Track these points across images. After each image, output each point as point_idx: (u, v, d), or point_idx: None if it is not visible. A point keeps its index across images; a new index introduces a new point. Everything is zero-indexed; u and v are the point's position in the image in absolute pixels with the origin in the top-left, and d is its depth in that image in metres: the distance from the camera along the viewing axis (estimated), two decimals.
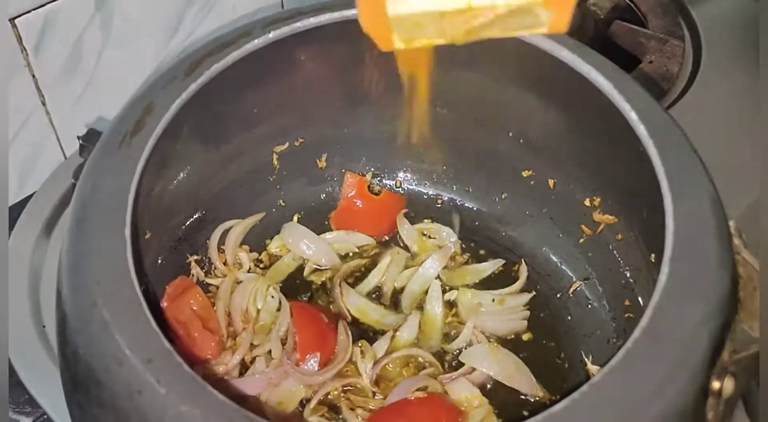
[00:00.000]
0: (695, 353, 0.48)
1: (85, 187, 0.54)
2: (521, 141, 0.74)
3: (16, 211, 0.81)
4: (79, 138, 0.63)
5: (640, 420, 0.45)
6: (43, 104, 0.83)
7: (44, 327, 0.73)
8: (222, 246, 0.74)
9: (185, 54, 0.61)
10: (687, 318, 0.48)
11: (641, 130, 0.57)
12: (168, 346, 0.46)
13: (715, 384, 0.48)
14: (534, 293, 0.74)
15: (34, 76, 0.81)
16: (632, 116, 0.58)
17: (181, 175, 0.66)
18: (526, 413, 0.66)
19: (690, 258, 0.51)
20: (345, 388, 0.66)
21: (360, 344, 0.68)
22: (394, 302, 0.74)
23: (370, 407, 0.65)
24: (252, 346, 0.68)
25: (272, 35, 0.62)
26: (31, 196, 0.83)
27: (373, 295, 0.74)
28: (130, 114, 0.57)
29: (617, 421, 0.45)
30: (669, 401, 0.46)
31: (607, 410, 0.45)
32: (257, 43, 0.62)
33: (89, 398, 0.48)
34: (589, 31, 0.96)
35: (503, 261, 0.76)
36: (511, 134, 0.74)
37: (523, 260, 0.76)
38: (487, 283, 0.75)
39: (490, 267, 0.76)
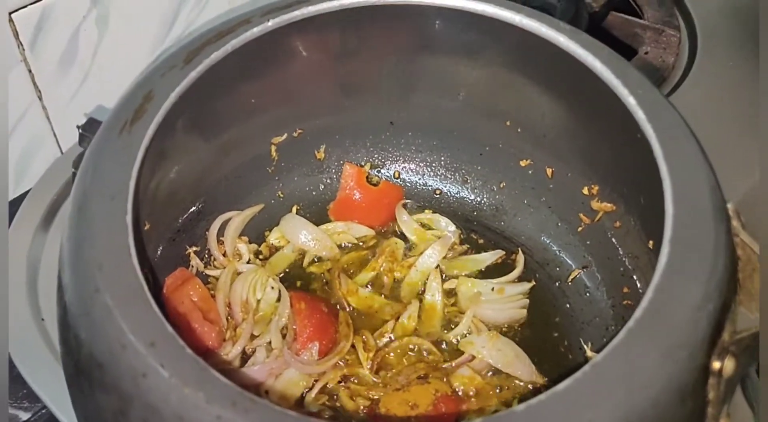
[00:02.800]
0: (695, 333, 0.48)
1: (86, 174, 0.54)
2: (518, 130, 0.74)
3: (13, 207, 0.81)
4: (78, 127, 0.63)
5: (641, 399, 0.45)
6: (40, 99, 0.83)
7: (43, 320, 0.72)
8: (221, 238, 0.74)
9: (185, 42, 0.61)
10: (687, 299, 0.48)
11: (639, 114, 0.57)
12: (171, 330, 0.46)
13: (716, 364, 0.48)
14: (533, 282, 0.74)
15: (30, 70, 0.81)
16: (630, 101, 0.58)
17: (180, 164, 0.66)
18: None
19: (689, 240, 0.51)
20: (346, 377, 0.66)
21: (362, 334, 0.69)
22: (394, 292, 0.74)
23: (371, 395, 0.65)
24: (252, 337, 0.68)
25: (271, 23, 0.62)
26: (28, 192, 0.83)
27: (373, 286, 0.74)
28: (130, 102, 0.57)
29: (619, 400, 0.45)
30: (670, 380, 0.46)
31: (608, 389, 0.45)
32: (256, 31, 0.62)
33: (92, 383, 0.48)
34: (584, 23, 0.96)
35: (503, 253, 0.76)
36: (508, 123, 0.75)
37: (519, 249, 0.76)
38: (487, 273, 0.75)
39: (490, 257, 0.76)
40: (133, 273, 0.48)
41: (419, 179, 0.82)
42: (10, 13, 0.75)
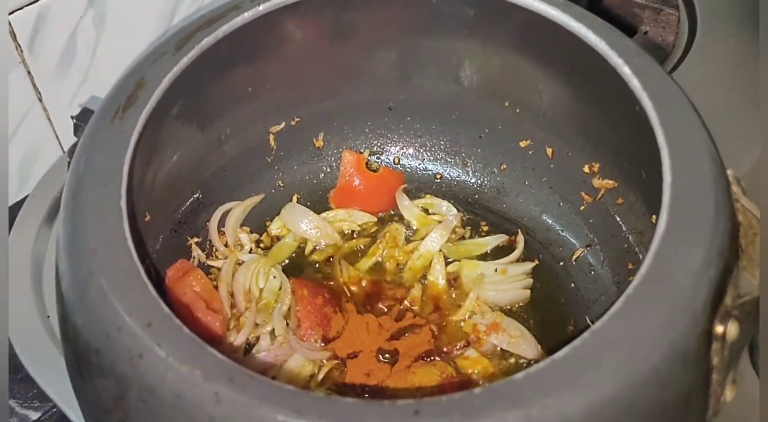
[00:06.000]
0: (697, 298, 0.47)
1: (79, 161, 0.54)
2: (517, 110, 0.74)
3: (17, 210, 0.81)
4: (72, 117, 0.63)
5: (642, 364, 0.44)
6: (40, 100, 0.84)
7: (48, 317, 0.72)
8: (222, 228, 0.74)
9: (175, 29, 0.61)
10: (687, 263, 0.48)
11: (635, 83, 0.57)
12: (167, 310, 0.46)
13: (719, 329, 0.48)
14: (536, 261, 0.74)
15: (29, 72, 0.81)
16: (625, 70, 0.57)
17: (176, 154, 0.66)
18: None
19: (688, 205, 0.50)
20: (350, 361, 0.66)
21: (366, 318, 0.68)
22: (397, 277, 0.74)
23: (376, 377, 0.64)
24: (256, 325, 0.68)
25: (262, 8, 0.62)
26: None
27: (375, 271, 0.74)
28: (122, 89, 0.57)
29: (619, 367, 0.44)
30: (672, 346, 0.45)
31: (609, 356, 0.44)
32: (247, 16, 0.62)
33: (90, 368, 0.48)
34: (582, 3, 0.95)
35: (506, 237, 0.76)
36: (507, 104, 0.74)
37: (519, 230, 0.76)
38: (489, 255, 0.75)
39: (493, 241, 0.75)
40: (128, 256, 0.48)
41: (419, 164, 0.81)
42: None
